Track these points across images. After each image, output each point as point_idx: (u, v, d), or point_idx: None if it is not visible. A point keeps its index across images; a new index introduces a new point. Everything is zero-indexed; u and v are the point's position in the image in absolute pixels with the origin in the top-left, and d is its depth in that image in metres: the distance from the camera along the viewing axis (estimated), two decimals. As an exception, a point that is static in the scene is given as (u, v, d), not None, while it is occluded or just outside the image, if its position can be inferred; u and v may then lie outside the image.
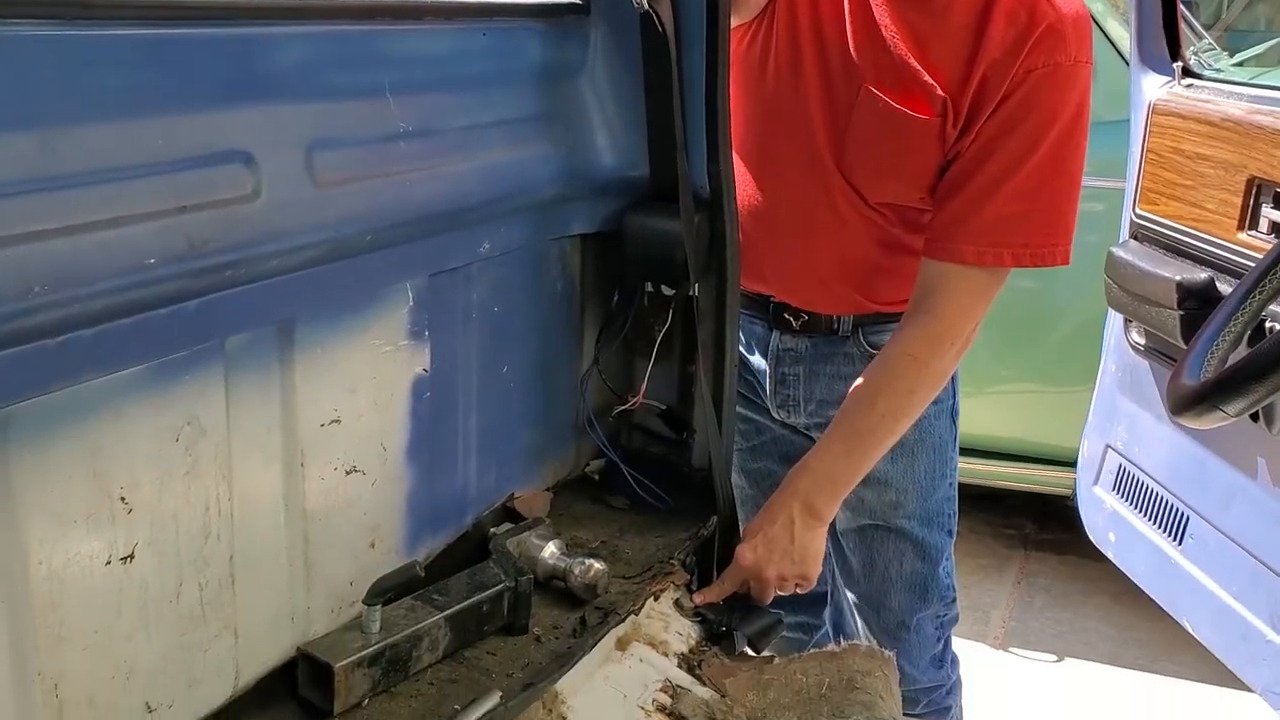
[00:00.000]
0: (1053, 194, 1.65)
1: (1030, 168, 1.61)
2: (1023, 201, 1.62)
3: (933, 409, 1.86)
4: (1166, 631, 3.20)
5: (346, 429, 1.36)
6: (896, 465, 1.91)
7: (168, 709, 1.18)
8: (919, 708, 2.03)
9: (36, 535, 1.02)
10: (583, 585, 1.58)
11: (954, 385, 1.94)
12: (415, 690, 1.36)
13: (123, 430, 1.09)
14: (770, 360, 1.98)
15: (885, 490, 1.94)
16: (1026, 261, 1.65)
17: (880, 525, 1.98)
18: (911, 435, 1.84)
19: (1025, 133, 1.61)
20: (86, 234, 1.00)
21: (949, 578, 2.03)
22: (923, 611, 2.00)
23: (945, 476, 1.98)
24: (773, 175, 1.83)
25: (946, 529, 2.01)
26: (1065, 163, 1.64)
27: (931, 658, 2.05)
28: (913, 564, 1.98)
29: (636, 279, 1.77)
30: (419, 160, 1.41)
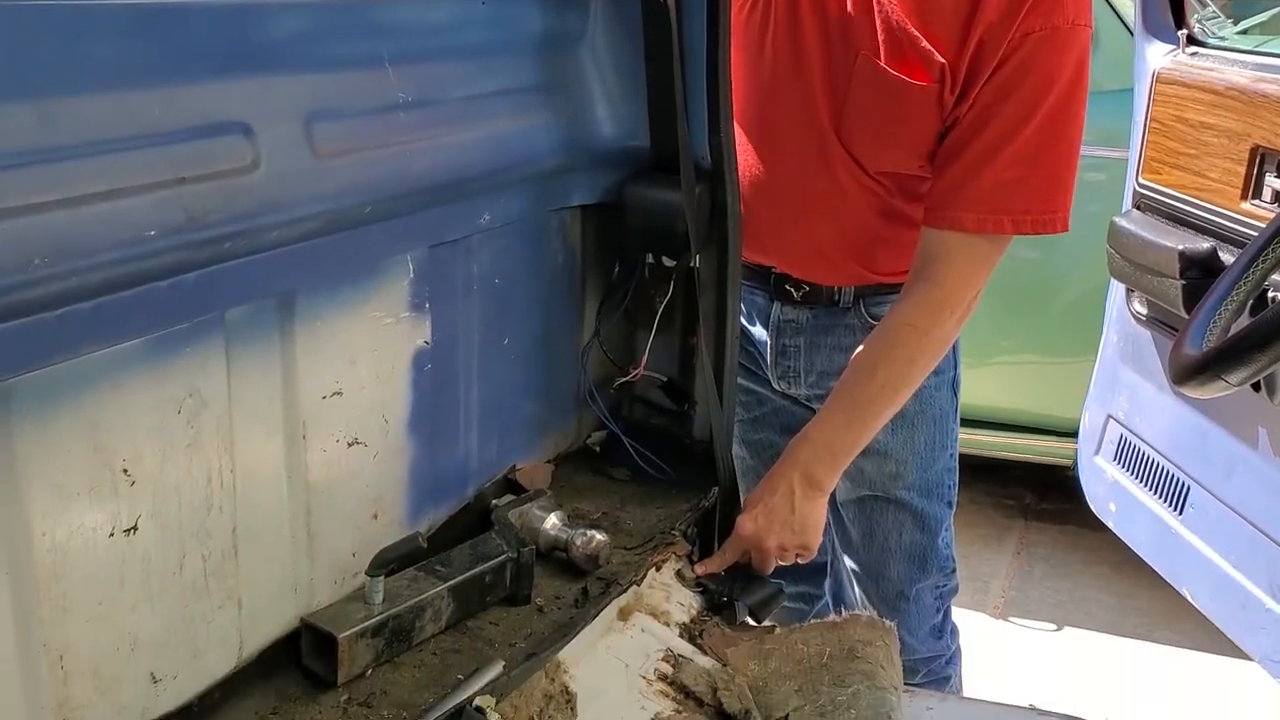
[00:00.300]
0: (1052, 159, 1.63)
1: (1029, 132, 1.59)
2: (1022, 167, 1.61)
3: (933, 380, 1.85)
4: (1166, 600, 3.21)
5: (348, 401, 1.36)
6: (896, 436, 1.91)
7: (172, 679, 1.18)
8: (918, 677, 2.04)
9: (39, 507, 1.02)
10: (584, 556, 1.58)
11: (955, 356, 1.94)
12: (419, 660, 1.37)
13: (124, 403, 1.09)
14: (771, 331, 1.97)
15: (885, 461, 1.94)
16: (1027, 228, 1.64)
17: (880, 496, 1.98)
18: (912, 406, 1.84)
19: (1023, 97, 1.59)
20: (85, 206, 0.99)
21: (948, 548, 2.03)
22: (921, 582, 2.01)
23: (945, 448, 1.97)
24: (772, 146, 1.82)
25: (946, 500, 2.00)
26: (1064, 127, 1.62)
27: (931, 628, 2.05)
28: (912, 534, 1.98)
29: (637, 250, 1.76)
30: (418, 131, 1.40)
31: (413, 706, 1.28)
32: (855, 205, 1.80)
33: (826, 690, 1.50)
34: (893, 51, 1.65)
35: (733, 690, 1.51)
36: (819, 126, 1.76)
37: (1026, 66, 1.59)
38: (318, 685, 1.30)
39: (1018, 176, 1.61)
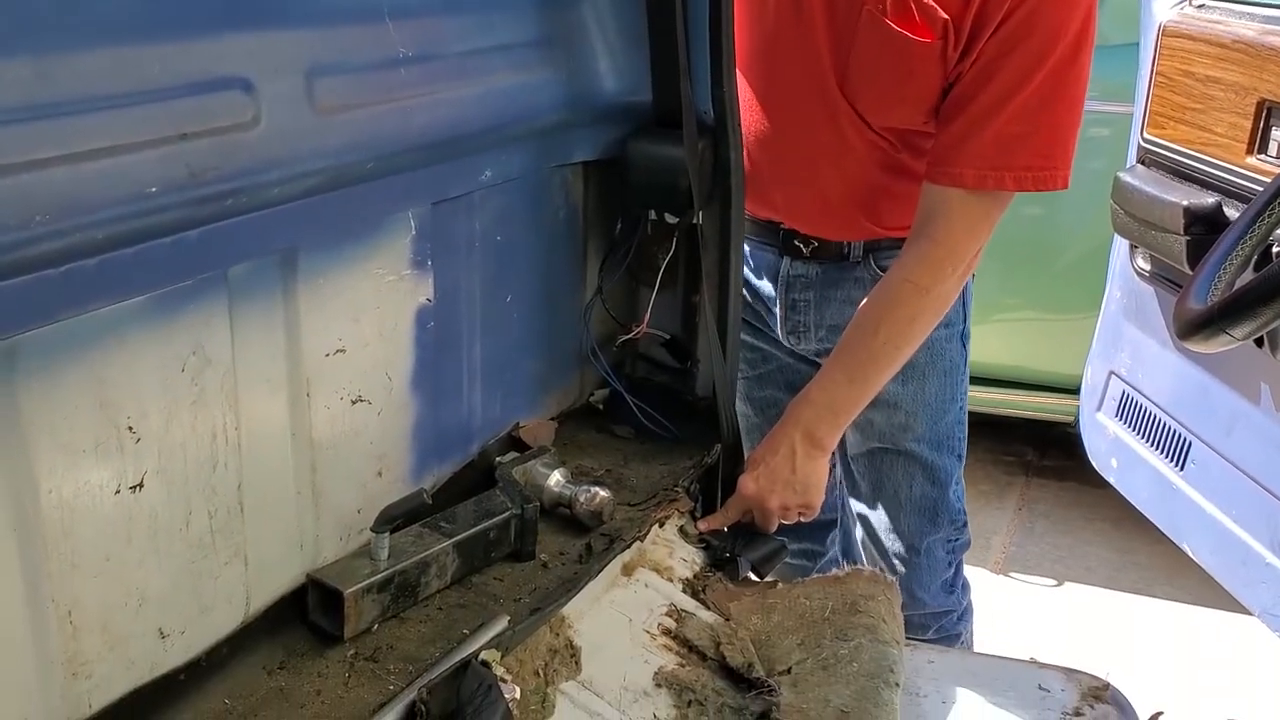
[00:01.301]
0: (1055, 115, 1.62)
1: (1032, 88, 1.58)
2: (1023, 123, 1.60)
3: (943, 332, 1.86)
4: (1166, 556, 3.23)
5: (351, 359, 1.36)
6: (907, 388, 1.91)
7: (180, 635, 1.19)
8: (929, 633, 2.04)
9: (46, 464, 1.02)
10: (588, 512, 1.59)
11: (965, 309, 1.94)
12: (424, 615, 1.38)
13: (129, 360, 1.09)
14: (780, 287, 1.97)
15: (895, 413, 1.94)
16: (1028, 185, 1.63)
17: (890, 448, 1.98)
18: (922, 357, 1.84)
19: (1027, 52, 1.57)
20: (87, 162, 0.99)
21: (959, 501, 2.03)
22: (933, 535, 2.01)
23: (955, 400, 1.97)
24: (777, 101, 1.81)
25: (956, 453, 2.00)
26: (1069, 83, 1.61)
27: (942, 582, 2.06)
28: (922, 487, 1.98)
29: (640, 207, 1.76)
30: (420, 86, 1.39)
31: (419, 661, 1.29)
32: (860, 160, 1.79)
33: (829, 644, 1.52)
34: (897, 7, 1.63)
35: (735, 644, 1.52)
36: (823, 81, 1.75)
37: (1031, 21, 1.57)
38: (324, 640, 1.31)
39: (1020, 132, 1.60)
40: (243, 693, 1.23)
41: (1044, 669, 1.56)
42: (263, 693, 1.23)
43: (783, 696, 1.44)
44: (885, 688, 1.44)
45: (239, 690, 1.23)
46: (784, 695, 1.44)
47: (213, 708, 1.21)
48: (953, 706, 1.50)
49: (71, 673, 1.08)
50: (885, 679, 1.45)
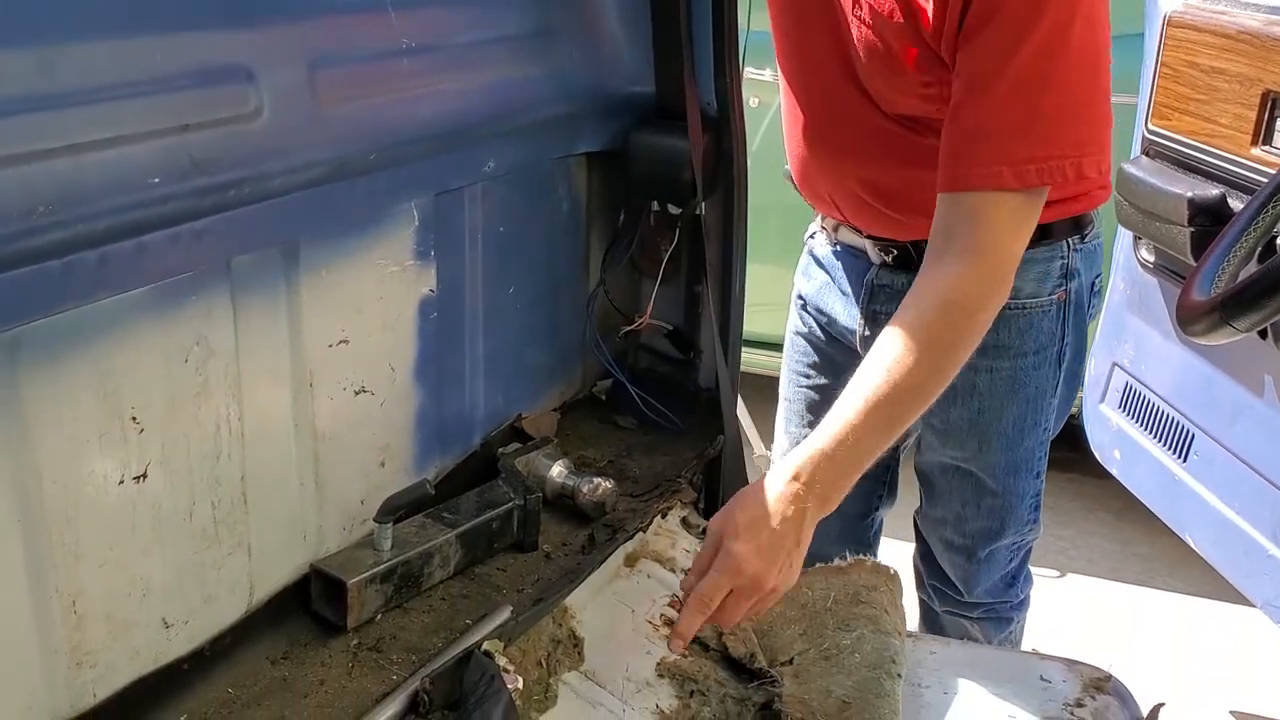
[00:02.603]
0: (1050, 100, 1.39)
1: (1016, 71, 1.37)
2: (1013, 111, 1.39)
3: (1033, 360, 1.72)
4: (1168, 547, 3.23)
5: (355, 349, 1.37)
6: (983, 417, 1.77)
7: (184, 624, 1.20)
8: (977, 611, 1.98)
9: (49, 455, 1.03)
10: (591, 503, 1.59)
11: (1064, 327, 1.74)
12: (427, 606, 1.38)
13: (132, 351, 1.09)
14: (864, 295, 1.80)
15: (966, 439, 1.81)
16: (1032, 179, 1.39)
17: (959, 467, 1.85)
18: (1000, 387, 1.73)
19: (999, 31, 1.38)
20: (89, 153, 0.99)
21: (1033, 512, 1.90)
22: (995, 544, 1.91)
23: (1039, 424, 1.80)
24: (806, 90, 1.70)
25: (1035, 472, 1.85)
26: (1065, 65, 1.38)
27: (1003, 576, 1.97)
28: (989, 509, 1.86)
29: (643, 198, 1.76)
30: (422, 77, 1.39)
31: (422, 650, 1.29)
32: (887, 149, 1.63)
33: (831, 634, 1.52)
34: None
35: (738, 634, 1.53)
36: (841, 68, 1.61)
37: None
38: (328, 630, 1.32)
39: (1011, 122, 1.40)
40: (246, 682, 1.24)
41: (1045, 660, 1.56)
42: (266, 682, 1.24)
43: (785, 687, 1.44)
44: (887, 678, 1.44)
45: (242, 680, 1.24)
46: (786, 686, 1.44)
47: (216, 697, 1.21)
48: (955, 698, 1.50)
49: (76, 662, 1.09)
50: (887, 670, 1.46)
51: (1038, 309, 1.70)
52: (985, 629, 2.03)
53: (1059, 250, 1.69)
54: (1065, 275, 1.70)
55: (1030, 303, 1.69)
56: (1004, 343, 1.71)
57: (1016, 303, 1.68)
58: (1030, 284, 1.68)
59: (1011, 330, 1.70)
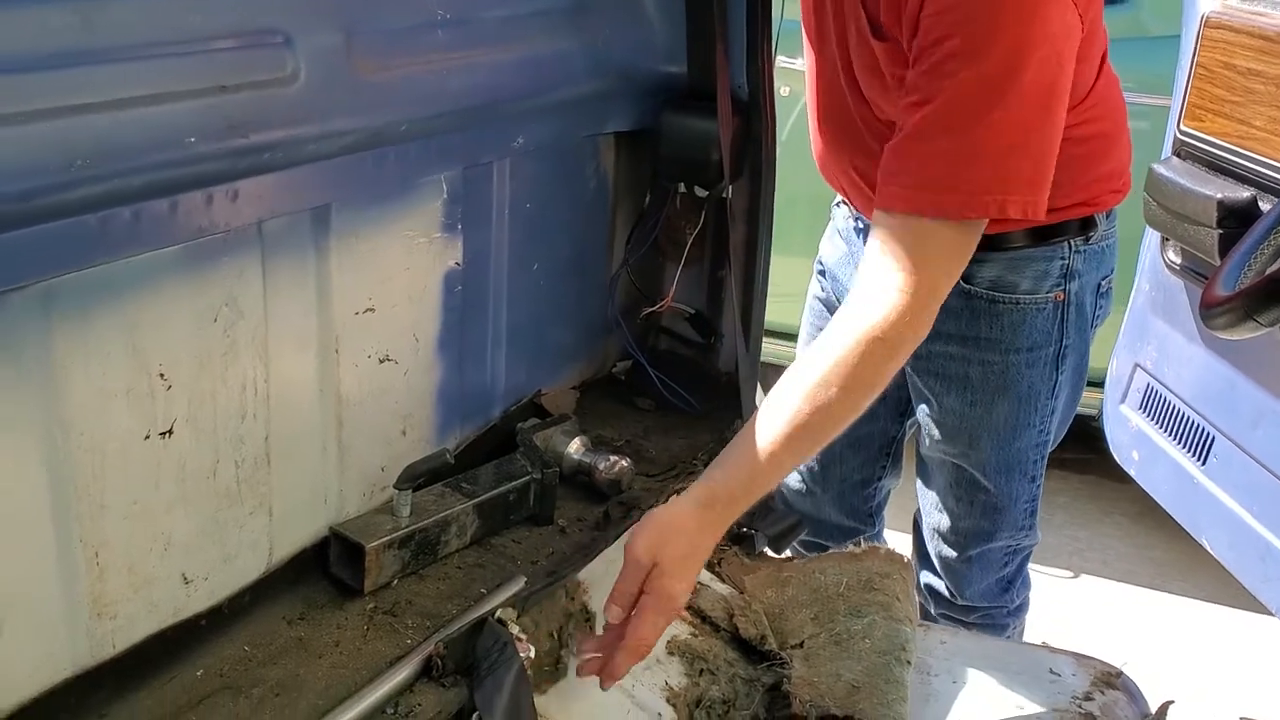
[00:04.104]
0: (981, 134, 1.32)
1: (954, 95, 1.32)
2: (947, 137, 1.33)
3: (1025, 357, 1.72)
4: (1184, 552, 3.22)
5: (380, 318, 1.38)
6: (974, 410, 1.78)
7: (203, 580, 1.21)
8: (973, 616, 1.99)
9: (78, 406, 1.04)
10: (607, 480, 1.60)
11: (1063, 327, 1.73)
12: (443, 573, 1.40)
13: (162, 309, 1.10)
14: None
15: (959, 434, 1.81)
16: (951, 212, 1.33)
17: (955, 463, 1.87)
18: (993, 380, 1.73)
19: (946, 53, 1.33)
20: (127, 110, 1.00)
21: (1028, 518, 1.89)
22: (986, 546, 1.92)
23: (1032, 425, 1.79)
24: (819, 82, 1.70)
25: (1029, 475, 1.84)
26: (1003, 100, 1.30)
27: (997, 580, 1.97)
28: (981, 507, 1.87)
29: (670, 179, 1.76)
30: (456, 50, 1.40)
31: (437, 616, 1.31)
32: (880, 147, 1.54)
33: (842, 619, 1.53)
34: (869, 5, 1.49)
35: (749, 616, 1.54)
36: (849, 72, 1.61)
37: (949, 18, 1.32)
38: (345, 593, 1.34)
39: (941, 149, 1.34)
40: (263, 641, 1.25)
41: (1056, 654, 1.57)
42: (282, 641, 1.26)
43: (794, 669, 1.45)
44: (896, 665, 1.45)
45: (259, 638, 1.25)
46: (795, 668, 1.45)
47: (233, 654, 1.23)
48: (963, 687, 1.51)
49: (97, 612, 1.11)
50: (897, 656, 1.46)
51: (1032, 306, 1.70)
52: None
53: (1059, 251, 1.69)
54: (1065, 275, 1.70)
55: (1025, 299, 1.69)
56: (997, 336, 1.71)
57: (1011, 297, 1.69)
58: (1027, 280, 1.68)
59: (1005, 324, 1.70)
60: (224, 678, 1.19)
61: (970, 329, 1.71)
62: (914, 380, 1.83)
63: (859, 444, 2.01)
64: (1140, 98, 2.92)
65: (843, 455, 2.02)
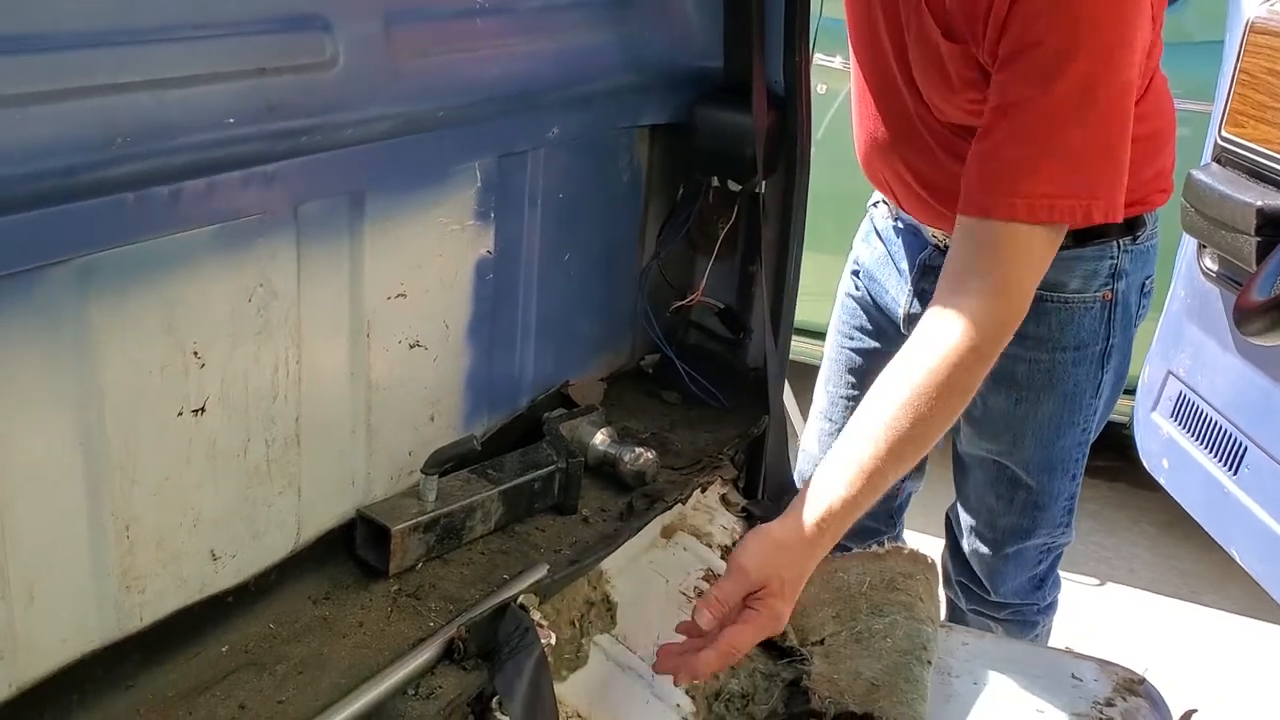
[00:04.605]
0: (1070, 138, 1.34)
1: (1046, 103, 1.33)
2: (1029, 143, 1.35)
3: (1073, 355, 1.73)
4: (1212, 564, 3.19)
5: (411, 303, 1.39)
6: (1019, 407, 1.78)
7: (231, 558, 1.23)
8: (1003, 613, 1.99)
9: (113, 381, 1.06)
10: (632, 472, 1.61)
11: (1110, 326, 1.73)
12: (467, 558, 1.41)
13: (198, 287, 1.12)
14: (916, 273, 1.82)
15: (1003, 431, 1.82)
16: (1042, 216, 1.34)
17: (995, 460, 1.87)
18: (1039, 379, 1.73)
19: (1033, 62, 1.34)
20: (168, 90, 1.01)
21: (1065, 516, 1.90)
22: (1025, 543, 1.92)
23: (1076, 424, 1.80)
24: (871, 81, 1.71)
25: (1070, 474, 1.85)
26: (1093, 105, 1.32)
27: (1030, 578, 1.97)
28: (1021, 504, 1.88)
29: (703, 173, 1.76)
30: (494, 39, 1.41)
31: (459, 600, 1.32)
32: (945, 152, 1.63)
33: (864, 618, 1.53)
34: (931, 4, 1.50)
35: (771, 612, 1.53)
36: (906, 71, 1.62)
37: (1036, 25, 1.33)
38: (369, 574, 1.35)
39: (1024, 154, 1.35)
40: (288, 619, 1.26)
41: (1079, 659, 1.56)
42: (307, 620, 1.27)
43: (814, 666, 1.45)
44: (917, 664, 1.45)
45: (284, 616, 1.27)
46: (815, 665, 1.45)
47: (258, 631, 1.24)
48: (984, 689, 1.50)
49: (125, 585, 1.12)
50: (918, 656, 1.46)
51: (1081, 305, 1.70)
52: (1010, 630, 2.03)
53: (1109, 250, 1.68)
54: (1113, 275, 1.70)
55: (1074, 298, 1.69)
56: (1044, 335, 1.71)
57: (1060, 296, 1.69)
58: (1076, 279, 1.68)
59: (1053, 323, 1.70)
60: (249, 654, 1.21)
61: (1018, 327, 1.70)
62: None
63: None
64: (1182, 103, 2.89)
65: None
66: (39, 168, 0.92)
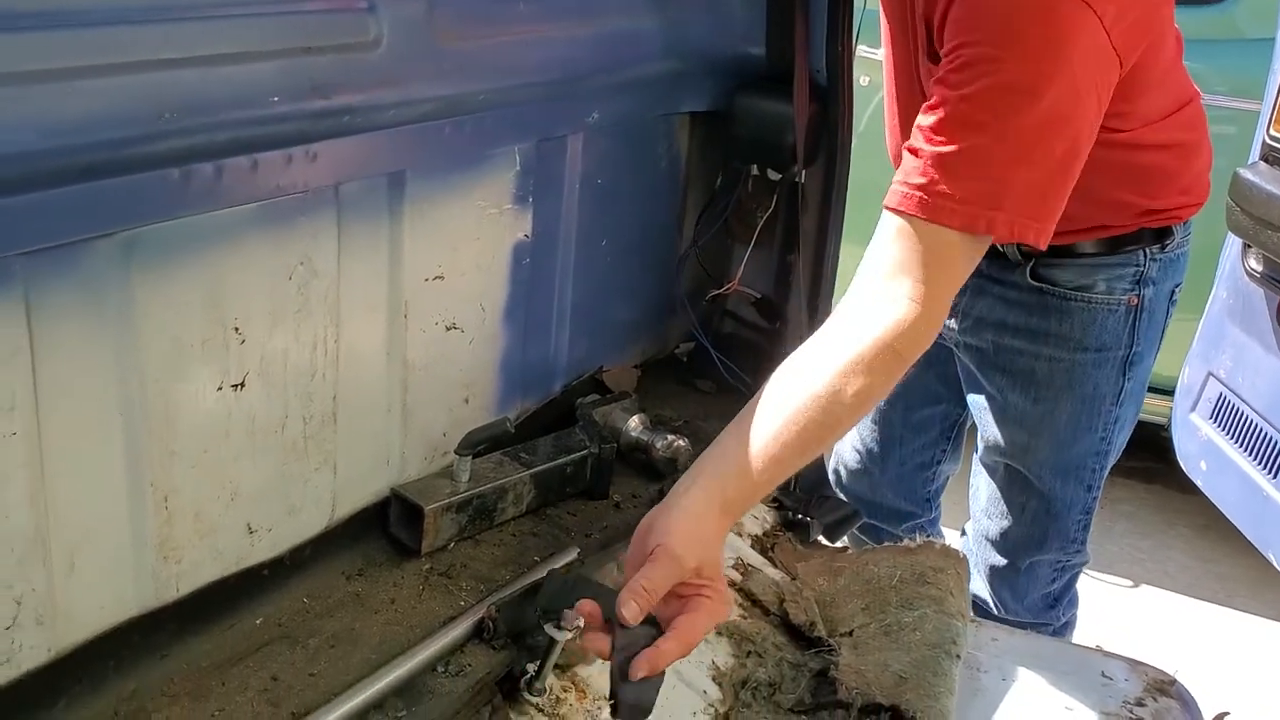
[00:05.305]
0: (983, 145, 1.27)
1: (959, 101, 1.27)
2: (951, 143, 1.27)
3: (1092, 357, 1.70)
4: (1249, 568, 3.15)
5: (449, 286, 1.40)
6: (1037, 407, 1.76)
7: (267, 532, 1.24)
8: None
9: (155, 354, 1.07)
10: (664, 459, 1.61)
11: (1134, 332, 1.71)
12: (498, 540, 1.42)
13: (239, 264, 1.13)
14: None
15: (1018, 431, 1.80)
16: (942, 217, 1.27)
17: (1009, 465, 1.85)
18: (1059, 379, 1.72)
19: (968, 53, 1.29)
20: (215, 66, 1.03)
21: (1080, 531, 1.87)
22: (1036, 556, 1.90)
23: (1094, 430, 1.77)
24: (893, 81, 1.70)
25: (1085, 484, 1.82)
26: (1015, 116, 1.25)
27: (1043, 596, 1.95)
28: (1034, 512, 1.85)
29: (743, 161, 1.76)
30: (536, 23, 1.41)
31: (490, 581, 1.33)
32: None
33: (893, 611, 1.52)
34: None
35: (800, 602, 1.53)
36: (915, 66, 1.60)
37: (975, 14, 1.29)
38: (402, 553, 1.36)
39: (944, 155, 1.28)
40: (321, 594, 1.28)
41: (1109, 658, 1.55)
42: (340, 596, 1.28)
43: (842, 657, 1.45)
44: (945, 658, 1.44)
45: (318, 591, 1.28)
46: (843, 656, 1.45)
47: (292, 605, 1.26)
48: (1012, 685, 1.49)
49: (163, 556, 1.14)
50: (947, 650, 1.45)
51: (1105, 307, 1.68)
52: None
53: (1134, 259, 1.68)
54: (1139, 281, 1.69)
55: (1099, 299, 1.68)
56: (1067, 334, 1.70)
57: (1085, 297, 1.68)
58: (1102, 282, 1.67)
59: (1075, 322, 1.69)
60: (282, 627, 1.22)
61: (1040, 324, 1.69)
62: (976, 374, 1.82)
63: (921, 426, 2.00)
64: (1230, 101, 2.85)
65: (903, 437, 2.01)
66: (87, 140, 0.93)
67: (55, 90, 0.91)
